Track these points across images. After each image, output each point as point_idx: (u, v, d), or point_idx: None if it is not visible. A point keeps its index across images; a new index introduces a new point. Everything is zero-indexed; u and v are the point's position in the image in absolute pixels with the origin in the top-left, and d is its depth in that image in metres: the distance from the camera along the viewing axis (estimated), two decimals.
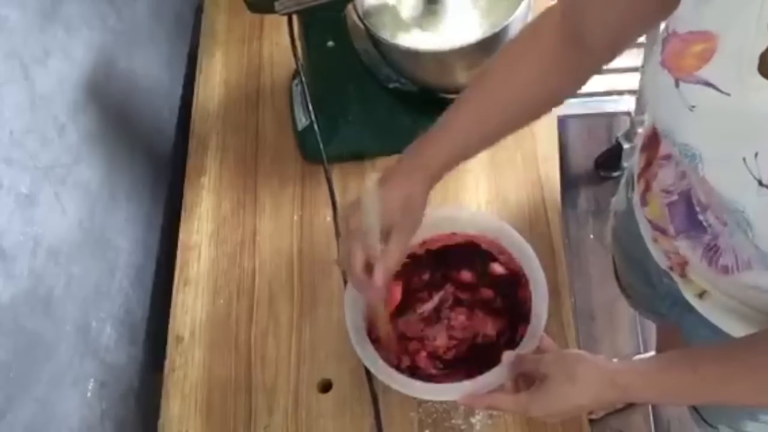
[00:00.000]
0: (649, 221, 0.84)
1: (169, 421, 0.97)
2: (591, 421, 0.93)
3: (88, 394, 0.91)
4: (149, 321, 1.08)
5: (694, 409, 1.05)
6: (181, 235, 1.10)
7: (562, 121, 1.90)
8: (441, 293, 0.96)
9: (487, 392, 0.80)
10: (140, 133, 1.13)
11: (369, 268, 0.78)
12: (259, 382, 0.98)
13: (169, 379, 1.00)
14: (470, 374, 0.82)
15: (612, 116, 2.01)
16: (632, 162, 0.96)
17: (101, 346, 0.95)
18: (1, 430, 0.74)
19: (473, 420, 0.92)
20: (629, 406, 1.66)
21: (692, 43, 0.59)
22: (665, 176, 0.79)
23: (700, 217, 0.74)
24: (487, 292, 0.94)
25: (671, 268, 0.84)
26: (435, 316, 0.95)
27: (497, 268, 0.93)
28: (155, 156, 1.18)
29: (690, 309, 0.83)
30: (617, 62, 1.86)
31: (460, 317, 0.95)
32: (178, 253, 1.09)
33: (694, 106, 0.60)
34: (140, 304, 1.07)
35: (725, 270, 0.73)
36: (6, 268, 0.77)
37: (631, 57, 1.79)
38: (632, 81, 1.79)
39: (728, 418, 0.97)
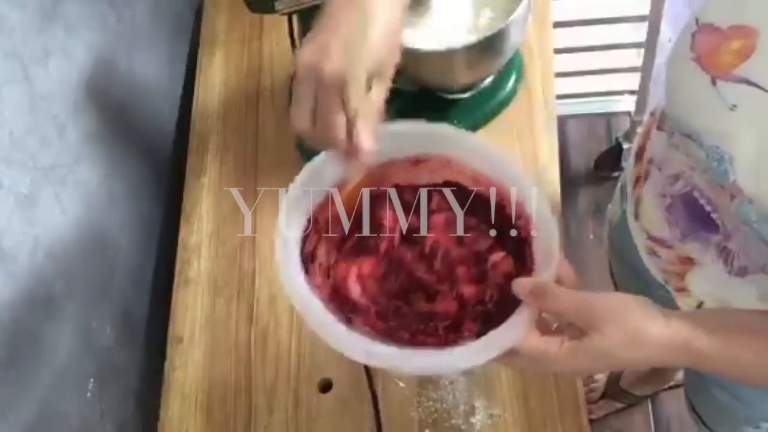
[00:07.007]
0: (645, 232, 0.83)
1: (169, 421, 0.97)
2: (591, 421, 0.93)
3: (88, 394, 0.91)
4: (149, 321, 1.08)
5: (695, 412, 1.04)
6: (181, 235, 1.10)
7: (562, 121, 1.90)
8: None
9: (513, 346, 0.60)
10: (140, 133, 1.13)
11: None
12: (259, 382, 0.98)
13: (169, 379, 1.00)
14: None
15: (612, 116, 2.01)
16: (626, 171, 0.96)
17: (101, 346, 0.95)
18: (1, 430, 0.74)
19: (473, 420, 0.92)
20: (629, 406, 1.66)
21: (731, 39, 0.56)
22: (655, 182, 0.78)
23: (713, 216, 0.70)
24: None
25: (666, 282, 0.83)
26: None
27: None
28: (155, 156, 1.18)
29: None
30: (617, 62, 1.87)
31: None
32: (178, 253, 1.09)
33: (735, 106, 0.57)
34: (140, 304, 1.07)
35: (744, 271, 0.70)
36: (6, 268, 0.77)
37: (631, 57, 1.79)
38: (632, 81, 1.79)
39: (728, 422, 0.97)
